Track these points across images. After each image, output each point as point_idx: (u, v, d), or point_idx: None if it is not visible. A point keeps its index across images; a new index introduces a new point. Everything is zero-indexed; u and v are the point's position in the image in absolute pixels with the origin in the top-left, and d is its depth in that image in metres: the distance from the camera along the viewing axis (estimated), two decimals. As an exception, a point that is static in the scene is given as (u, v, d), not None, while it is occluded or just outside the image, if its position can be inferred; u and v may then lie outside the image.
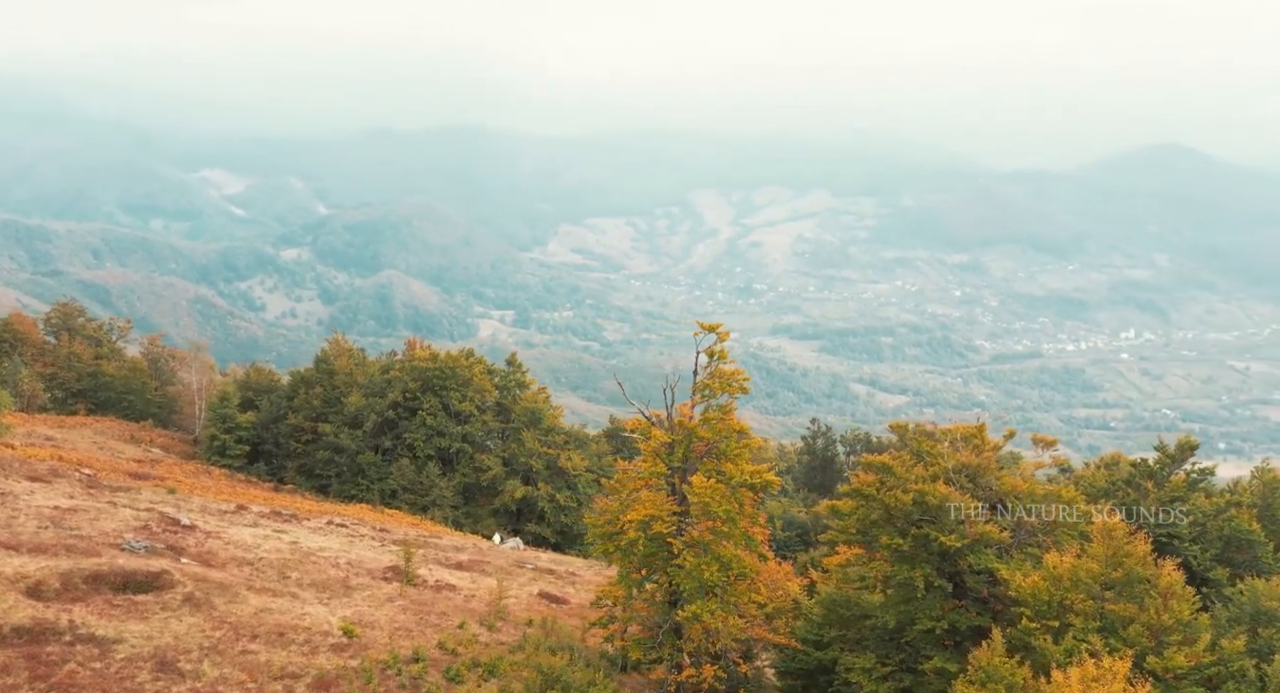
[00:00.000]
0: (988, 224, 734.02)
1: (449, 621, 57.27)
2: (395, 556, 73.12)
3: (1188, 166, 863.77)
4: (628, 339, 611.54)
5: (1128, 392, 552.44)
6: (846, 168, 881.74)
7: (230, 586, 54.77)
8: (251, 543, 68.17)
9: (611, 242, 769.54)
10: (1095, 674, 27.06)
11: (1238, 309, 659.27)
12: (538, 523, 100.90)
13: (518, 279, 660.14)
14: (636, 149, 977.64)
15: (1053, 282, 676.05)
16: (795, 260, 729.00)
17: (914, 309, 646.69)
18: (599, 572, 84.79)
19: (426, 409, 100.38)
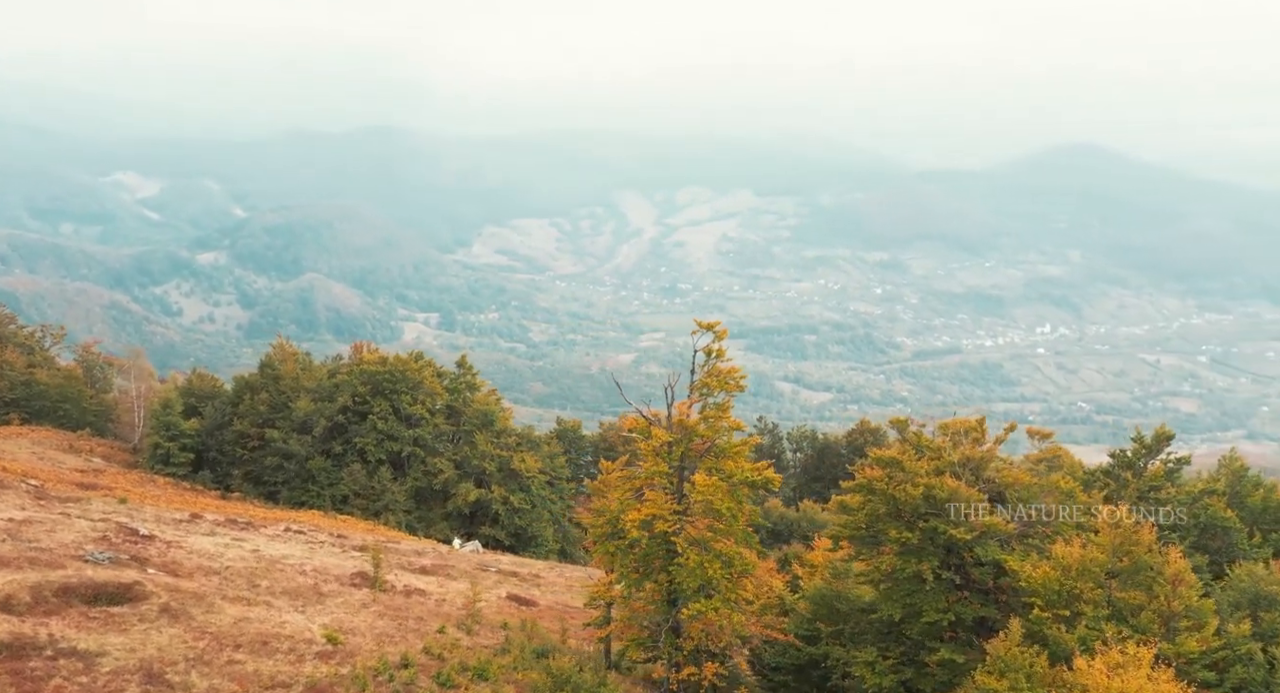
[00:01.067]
0: (907, 223, 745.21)
1: (427, 625, 56.88)
2: (359, 561, 72.43)
3: (1098, 165, 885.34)
4: (554, 340, 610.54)
5: (1044, 385, 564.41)
6: (768, 167, 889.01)
7: (204, 595, 53.86)
8: (214, 552, 67.08)
9: (536, 243, 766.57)
10: (1119, 661, 27.78)
11: (1148, 304, 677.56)
12: (491, 525, 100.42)
13: (442, 281, 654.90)
14: (559, 149, 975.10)
15: (971, 279, 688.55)
16: (719, 260, 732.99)
17: (836, 307, 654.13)
18: (561, 573, 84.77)
19: (377, 413, 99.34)
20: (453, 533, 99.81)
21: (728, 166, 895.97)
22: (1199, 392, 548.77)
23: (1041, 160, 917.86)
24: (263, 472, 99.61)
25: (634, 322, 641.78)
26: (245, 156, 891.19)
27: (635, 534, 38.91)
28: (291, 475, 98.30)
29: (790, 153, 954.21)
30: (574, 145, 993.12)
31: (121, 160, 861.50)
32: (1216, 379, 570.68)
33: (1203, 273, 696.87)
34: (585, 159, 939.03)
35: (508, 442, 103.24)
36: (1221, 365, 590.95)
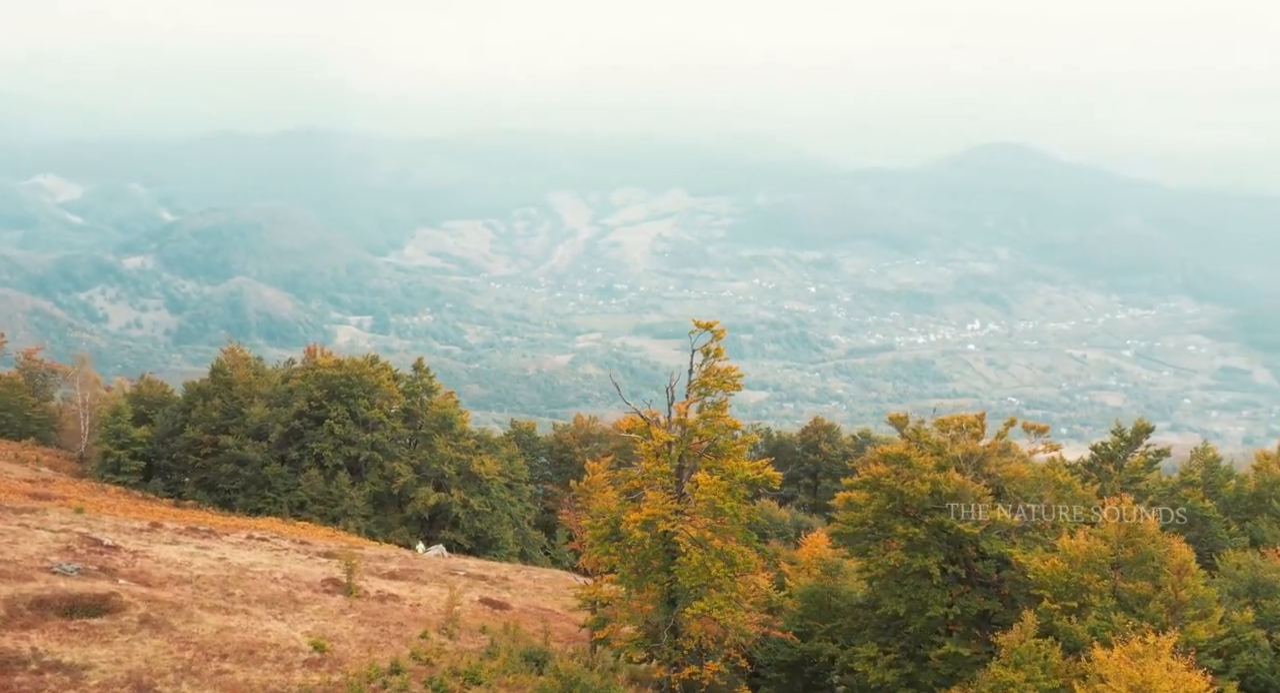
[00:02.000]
0: (839, 222, 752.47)
1: (408, 631, 56.49)
2: (328, 568, 71.71)
3: (1024, 165, 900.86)
4: (490, 342, 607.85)
5: (975, 381, 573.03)
6: (702, 167, 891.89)
7: (182, 605, 53.06)
8: (181, 561, 66.12)
9: (470, 244, 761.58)
10: (1139, 651, 28.48)
11: (1074, 300, 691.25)
12: (451, 529, 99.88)
13: (375, 284, 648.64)
14: (492, 150, 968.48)
15: (902, 277, 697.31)
16: (655, 260, 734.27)
17: (771, 306, 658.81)
18: (528, 576, 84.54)
19: (334, 418, 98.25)
20: (412, 538, 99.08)
21: (662, 167, 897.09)
22: (1124, 385, 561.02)
23: (969, 160, 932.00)
24: (217, 479, 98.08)
25: (570, 323, 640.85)
26: (172, 159, 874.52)
27: (638, 535, 39.02)
28: (247, 482, 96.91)
29: (724, 153, 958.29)
30: (507, 145, 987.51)
31: (42, 163, 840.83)
32: (1141, 373, 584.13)
33: (1126, 269, 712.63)
34: (518, 159, 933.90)
35: (466, 444, 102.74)
36: (1145, 359, 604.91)
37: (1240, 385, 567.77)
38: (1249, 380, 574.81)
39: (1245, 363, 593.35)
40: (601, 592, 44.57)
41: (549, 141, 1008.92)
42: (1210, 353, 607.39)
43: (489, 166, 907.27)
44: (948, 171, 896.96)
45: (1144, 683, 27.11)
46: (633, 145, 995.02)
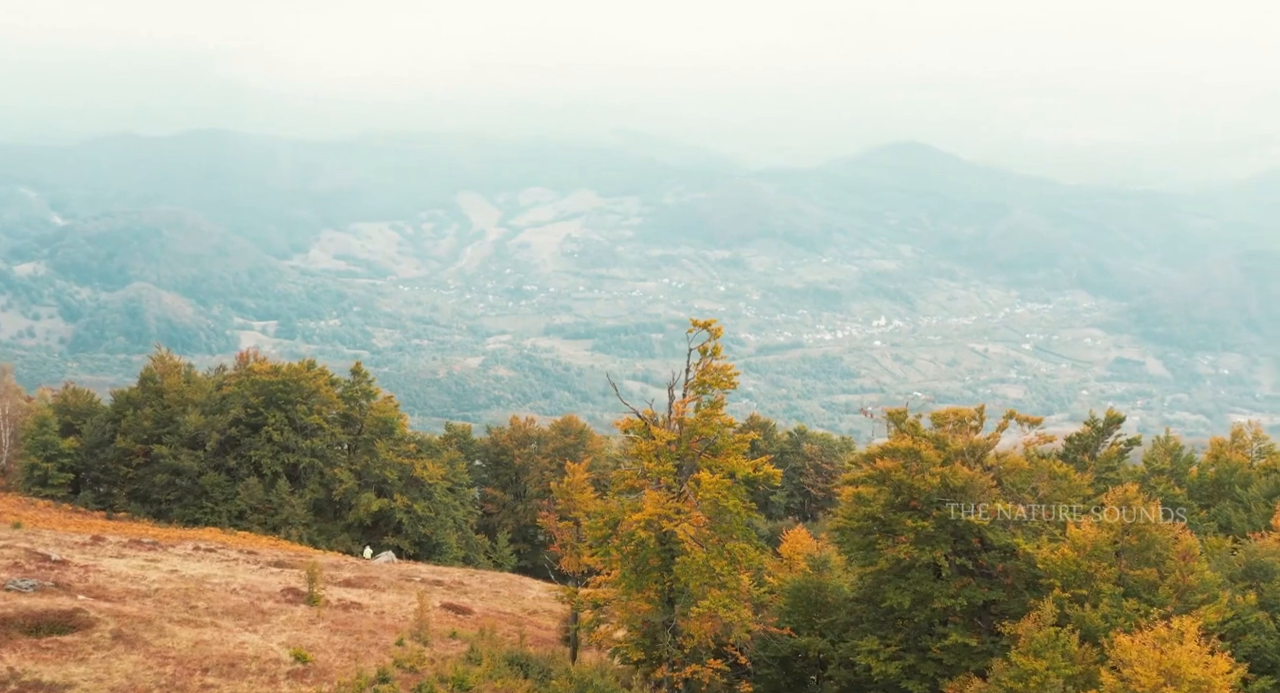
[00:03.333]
0: (746, 220, 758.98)
1: (381, 638, 55.78)
2: (283, 577, 70.54)
3: (925, 163, 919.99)
4: (399, 346, 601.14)
5: (882, 376, 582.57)
6: (609, 168, 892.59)
7: (151, 620, 51.73)
8: (135, 575, 64.55)
9: (376, 247, 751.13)
10: (1164, 635, 29.39)
11: (975, 295, 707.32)
12: (395, 535, 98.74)
13: (279, 288, 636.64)
14: (397, 151, 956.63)
15: (809, 275, 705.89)
16: (564, 260, 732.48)
17: (681, 305, 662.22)
18: (482, 580, 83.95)
19: (272, 425, 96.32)
20: (354, 544, 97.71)
21: (570, 167, 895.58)
22: (1024, 378, 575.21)
23: (873, 159, 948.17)
24: (151, 490, 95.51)
25: (480, 324, 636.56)
26: (62, 162, 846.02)
27: (642, 535, 39.07)
28: (183, 492, 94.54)
29: (632, 153, 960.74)
30: (412, 147, 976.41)
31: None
32: (1040, 365, 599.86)
33: (1024, 265, 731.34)
34: (424, 161, 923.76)
35: (408, 449, 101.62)
36: (1044, 352, 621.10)
37: (1134, 376, 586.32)
38: (1142, 371, 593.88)
39: (1138, 354, 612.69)
40: (596, 593, 44.45)
41: (454, 142, 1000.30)
42: (1105, 345, 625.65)
43: (394, 168, 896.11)
44: (852, 171, 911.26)
45: (1173, 668, 28.06)
46: (539, 146, 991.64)
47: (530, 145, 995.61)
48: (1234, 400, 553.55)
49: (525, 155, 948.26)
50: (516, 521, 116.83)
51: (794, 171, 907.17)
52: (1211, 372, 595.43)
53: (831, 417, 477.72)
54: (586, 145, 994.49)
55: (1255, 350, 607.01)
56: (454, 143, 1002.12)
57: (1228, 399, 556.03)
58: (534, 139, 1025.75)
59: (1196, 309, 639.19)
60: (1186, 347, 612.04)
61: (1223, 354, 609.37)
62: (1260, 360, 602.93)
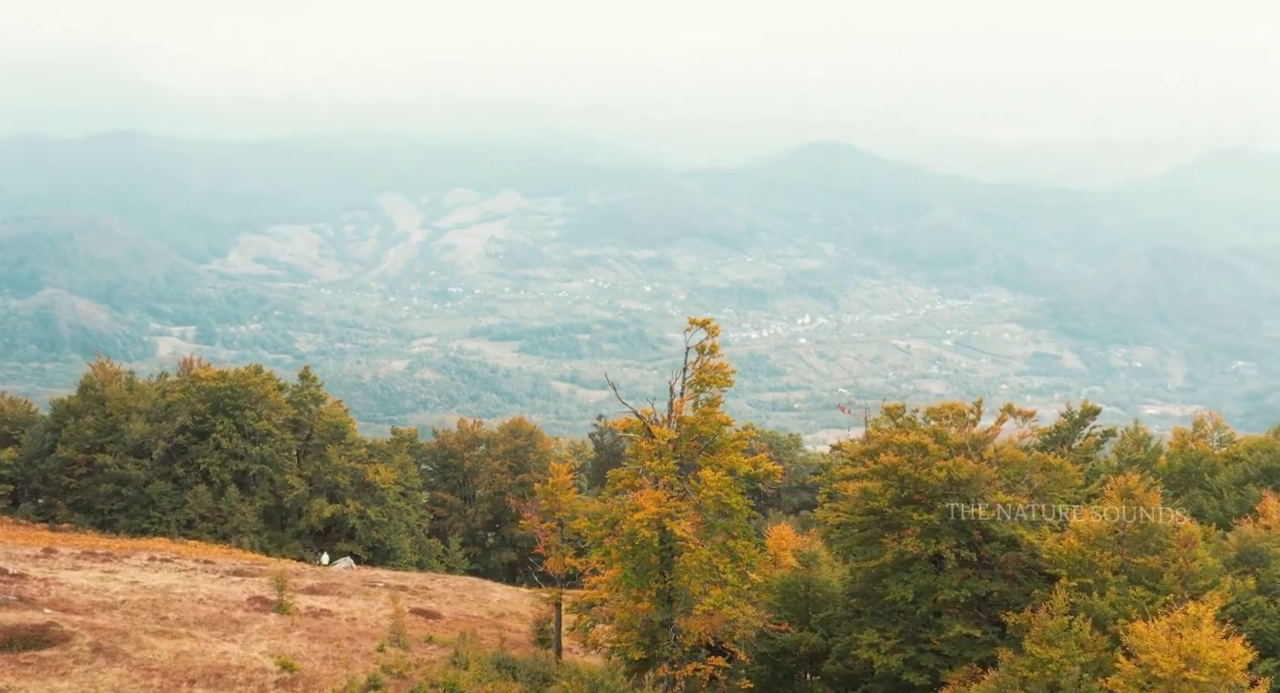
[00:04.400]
0: (671, 220, 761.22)
1: (361, 645, 55.22)
2: (246, 586, 69.41)
3: (846, 162, 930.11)
4: (322, 350, 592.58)
5: (807, 374, 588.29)
6: (533, 168, 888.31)
7: (128, 632, 50.68)
8: (96, 587, 63.17)
9: (297, 249, 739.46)
10: (1181, 621, 30.26)
11: (896, 293, 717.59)
12: (347, 541, 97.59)
13: (197, 293, 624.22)
14: (316, 152, 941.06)
15: (734, 274, 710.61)
16: (489, 262, 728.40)
17: (608, 306, 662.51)
18: (445, 584, 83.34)
19: (219, 431, 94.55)
20: (306, 551, 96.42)
21: (493, 168, 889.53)
22: (946, 373, 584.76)
23: (795, 159, 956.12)
24: (95, 500, 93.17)
25: (405, 327, 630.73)
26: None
27: (646, 534, 39.15)
28: (130, 502, 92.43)
29: (556, 153, 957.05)
30: (331, 148, 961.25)
31: None
32: (961, 361, 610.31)
33: (944, 262, 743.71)
34: (344, 162, 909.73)
35: (359, 454, 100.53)
36: (965, 348, 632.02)
37: (1051, 370, 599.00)
38: (1059, 365, 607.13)
39: (1055, 348, 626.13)
40: (592, 594, 44.45)
41: (375, 143, 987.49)
42: (1023, 340, 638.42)
43: (314, 169, 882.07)
44: (774, 170, 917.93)
45: (1194, 653, 28.99)
46: (462, 146, 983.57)
47: (453, 146, 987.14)
48: (1147, 392, 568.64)
49: (448, 156, 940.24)
50: (467, 524, 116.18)
51: (718, 171, 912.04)
52: (1125, 365, 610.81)
53: (759, 414, 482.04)
54: (510, 145, 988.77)
55: (1166, 343, 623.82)
56: (375, 144, 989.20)
57: (1141, 391, 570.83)
58: (457, 139, 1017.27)
59: (1110, 304, 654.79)
60: (1101, 341, 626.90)
61: (1135, 347, 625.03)
62: (1171, 353, 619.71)
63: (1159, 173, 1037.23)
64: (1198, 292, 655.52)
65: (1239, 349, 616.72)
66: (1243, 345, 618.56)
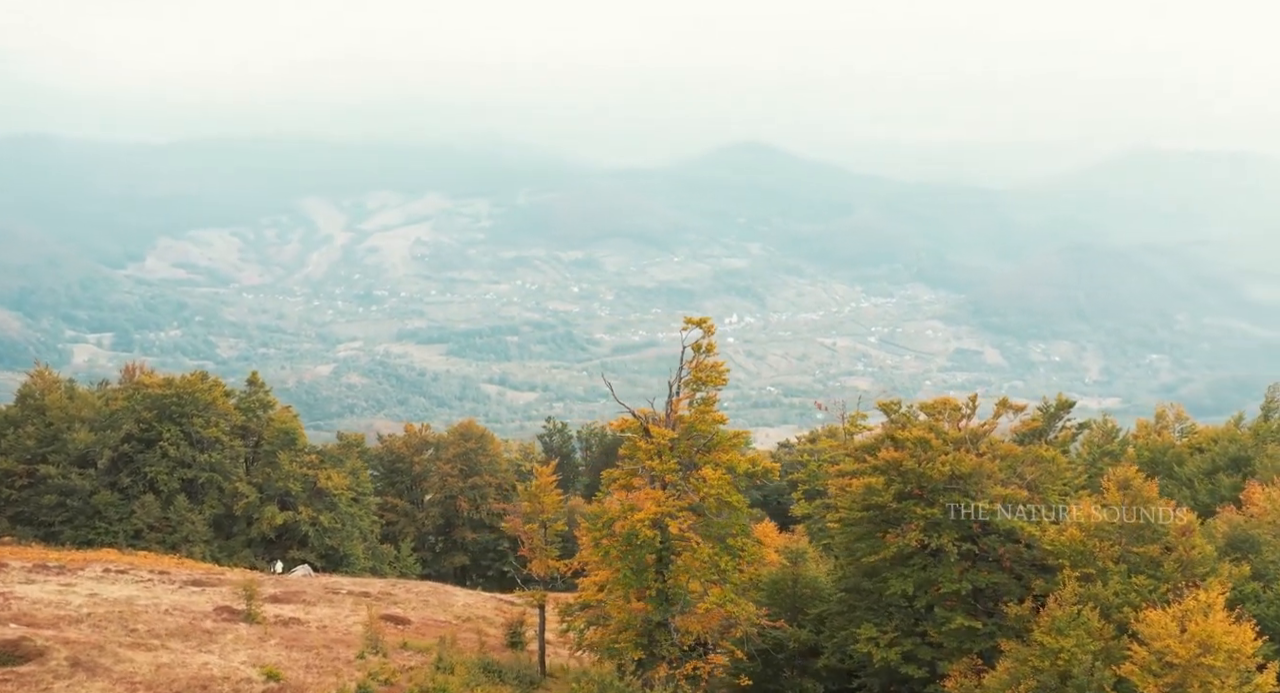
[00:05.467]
0: (597, 221, 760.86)
1: (340, 653, 54.60)
2: (207, 596, 68.22)
3: (768, 162, 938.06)
4: (244, 355, 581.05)
5: (736, 373, 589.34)
6: (458, 169, 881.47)
7: (102, 645, 49.64)
8: (56, 600, 61.66)
9: (218, 254, 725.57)
10: (1192, 608, 31.16)
11: (822, 291, 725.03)
12: (300, 548, 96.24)
13: (114, 299, 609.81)
14: (234, 155, 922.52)
15: (661, 274, 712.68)
16: (415, 264, 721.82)
17: (536, 307, 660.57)
18: (407, 590, 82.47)
19: (167, 439, 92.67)
20: (258, 560, 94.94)
21: (418, 170, 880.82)
22: (871, 370, 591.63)
23: (718, 159, 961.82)
24: (38, 512, 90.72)
25: (329, 331, 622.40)
26: None
27: (649, 533, 39.24)
28: (75, 513, 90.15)
29: (479, 154, 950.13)
30: (251, 150, 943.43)
31: None
32: (885, 358, 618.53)
33: (867, 260, 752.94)
34: (265, 165, 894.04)
35: (309, 459, 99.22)
36: (889, 345, 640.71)
37: (973, 366, 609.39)
38: (981, 360, 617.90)
39: (976, 344, 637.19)
40: (586, 595, 44.42)
41: (295, 145, 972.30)
42: (945, 336, 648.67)
43: (233, 172, 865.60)
44: (698, 170, 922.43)
45: (1208, 638, 29.92)
46: (385, 148, 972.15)
47: (375, 147, 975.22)
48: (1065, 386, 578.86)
49: (371, 158, 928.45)
50: (418, 529, 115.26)
51: (644, 171, 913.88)
52: (1044, 359, 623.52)
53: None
54: (434, 147, 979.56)
55: (1083, 338, 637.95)
56: (293, 146, 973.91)
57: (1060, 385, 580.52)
58: (379, 141, 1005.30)
59: (1028, 300, 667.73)
60: (1020, 336, 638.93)
61: (1053, 342, 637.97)
62: (1087, 347, 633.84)
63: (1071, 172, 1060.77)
64: (1111, 287, 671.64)
65: (1152, 343, 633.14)
66: (1155, 339, 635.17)
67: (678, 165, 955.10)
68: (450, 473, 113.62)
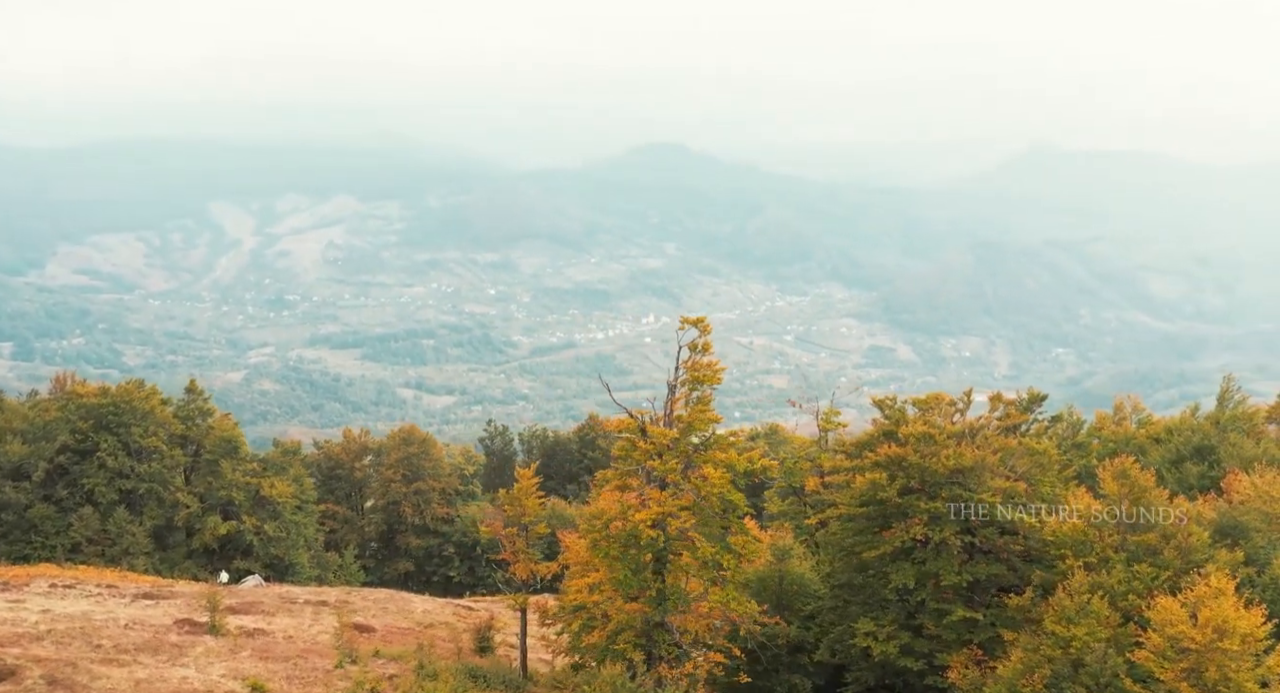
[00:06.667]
0: (511, 222, 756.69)
1: (316, 663, 53.76)
2: (163, 609, 66.75)
3: (682, 162, 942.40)
4: (152, 363, 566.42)
5: (654, 373, 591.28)
6: (368, 171, 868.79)
7: (74, 662, 48.32)
8: (10, 617, 60.03)
9: (122, 259, 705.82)
10: (1204, 594, 32.13)
11: (737, 290, 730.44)
12: (244, 558, 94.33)
13: (13, 307, 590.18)
14: (138, 158, 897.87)
15: (578, 275, 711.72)
16: (327, 268, 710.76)
17: (451, 310, 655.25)
18: (364, 597, 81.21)
19: (104, 450, 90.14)
20: (200, 571, 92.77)
21: (328, 172, 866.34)
22: (787, 368, 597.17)
23: (632, 159, 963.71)
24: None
25: (240, 337, 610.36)
26: None
27: (651, 533, 39.25)
28: (9, 528, 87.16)
29: (390, 156, 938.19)
30: (155, 153, 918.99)
31: None
32: (801, 356, 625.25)
33: (780, 259, 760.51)
34: (169, 168, 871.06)
35: (251, 467, 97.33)
36: (804, 343, 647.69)
37: (886, 362, 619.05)
38: (894, 357, 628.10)
39: (889, 341, 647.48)
40: (580, 597, 44.22)
41: (201, 148, 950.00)
42: (859, 334, 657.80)
43: (134, 177, 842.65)
44: (613, 171, 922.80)
45: (1223, 623, 30.94)
46: (294, 150, 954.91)
47: (284, 149, 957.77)
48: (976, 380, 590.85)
49: (279, 160, 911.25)
50: (360, 535, 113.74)
51: (558, 172, 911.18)
52: (955, 355, 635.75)
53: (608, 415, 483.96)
54: (344, 149, 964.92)
55: (992, 333, 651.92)
56: (198, 149, 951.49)
57: (970, 379, 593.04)
58: (288, 142, 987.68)
59: (938, 297, 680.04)
60: (931, 332, 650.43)
61: (963, 338, 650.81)
62: (996, 342, 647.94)
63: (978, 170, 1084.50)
64: (1018, 284, 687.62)
65: (1057, 337, 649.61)
66: (1060, 333, 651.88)
67: (592, 166, 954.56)
68: (393, 479, 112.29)
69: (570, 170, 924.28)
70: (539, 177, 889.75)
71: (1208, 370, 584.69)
